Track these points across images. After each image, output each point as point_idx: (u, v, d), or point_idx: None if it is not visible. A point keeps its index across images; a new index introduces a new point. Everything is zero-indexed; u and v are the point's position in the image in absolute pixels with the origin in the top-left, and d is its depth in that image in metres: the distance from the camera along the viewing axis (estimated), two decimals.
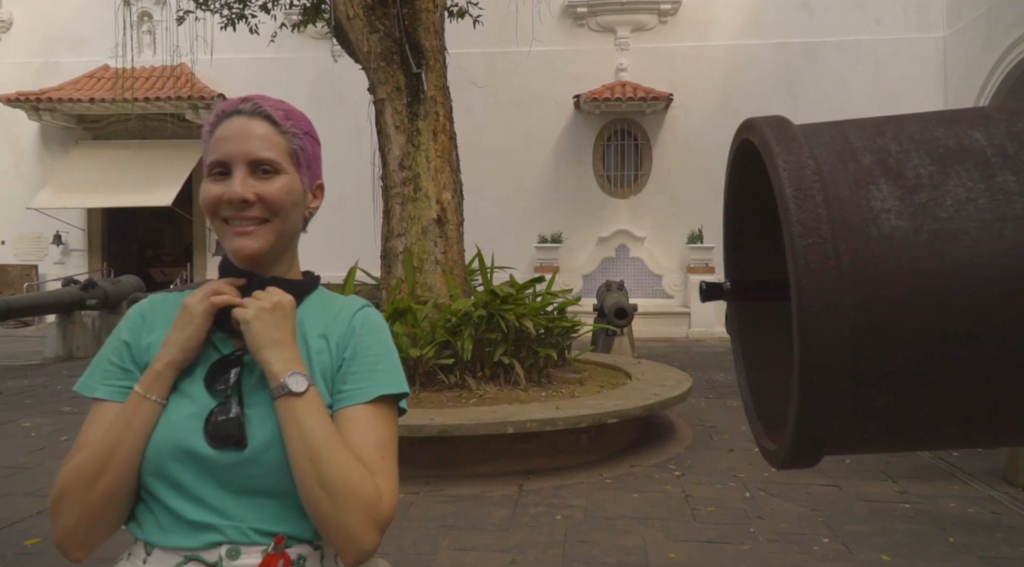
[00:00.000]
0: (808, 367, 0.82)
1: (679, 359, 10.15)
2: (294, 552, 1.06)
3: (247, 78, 14.56)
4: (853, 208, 0.84)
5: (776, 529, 4.13)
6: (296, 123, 1.16)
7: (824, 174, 0.86)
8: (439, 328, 5.90)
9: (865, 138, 0.90)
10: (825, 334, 0.81)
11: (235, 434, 1.05)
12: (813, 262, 0.81)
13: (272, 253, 1.15)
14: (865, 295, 0.81)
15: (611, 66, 14.29)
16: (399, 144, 6.47)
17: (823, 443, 0.88)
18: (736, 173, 1.10)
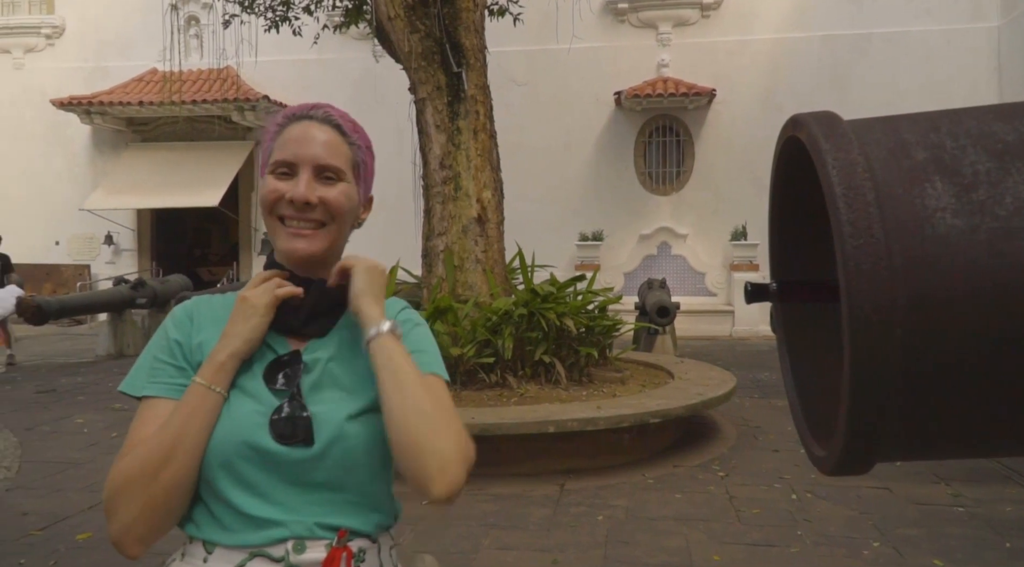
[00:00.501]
0: (859, 371, 0.79)
1: (723, 358, 10.02)
2: (355, 546, 1.09)
3: (291, 79, 14.77)
4: (906, 207, 0.81)
5: (824, 532, 4.05)
6: (361, 137, 1.21)
7: (876, 172, 0.83)
8: (480, 327, 5.91)
9: (919, 134, 0.86)
10: (877, 337, 0.78)
11: (303, 432, 1.07)
12: (864, 263, 0.78)
13: (323, 257, 1.18)
14: (919, 297, 0.78)
15: (652, 62, 14.16)
16: (440, 143, 6.49)
17: (874, 450, 0.85)
18: (782, 171, 1.07)
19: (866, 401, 0.80)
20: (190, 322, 1.17)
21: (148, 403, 1.11)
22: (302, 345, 1.16)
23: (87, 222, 15.31)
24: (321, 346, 1.17)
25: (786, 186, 1.08)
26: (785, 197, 1.09)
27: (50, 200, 15.73)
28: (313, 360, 1.14)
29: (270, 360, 1.13)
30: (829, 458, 0.90)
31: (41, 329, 12.35)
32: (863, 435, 0.82)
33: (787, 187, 1.08)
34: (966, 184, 0.80)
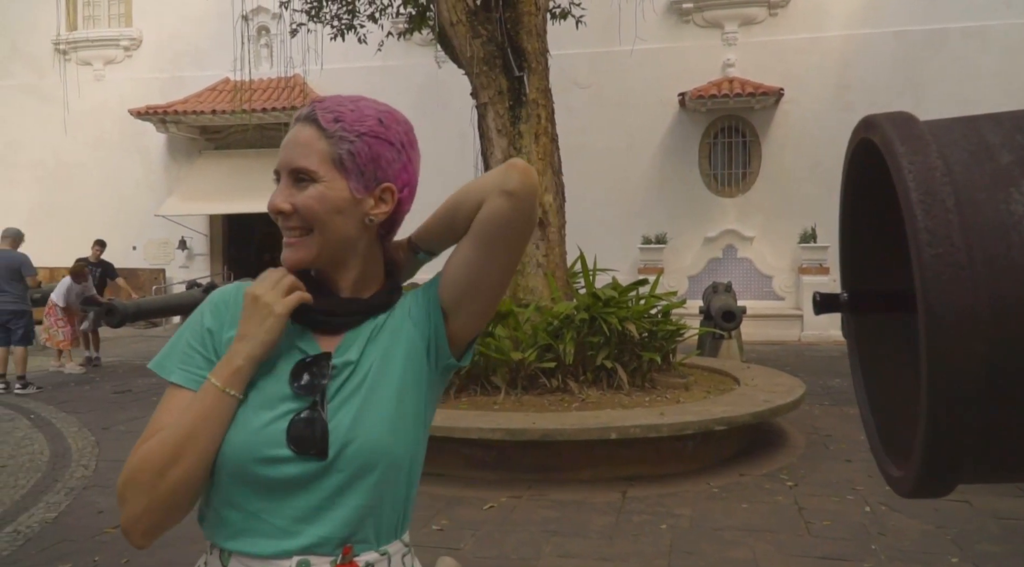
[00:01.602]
0: (938, 389, 0.74)
1: (791, 363, 9.76)
2: (362, 560, 1.06)
3: (356, 86, 15.00)
4: (990, 213, 0.75)
5: (899, 547, 3.89)
6: (348, 125, 1.10)
7: (956, 176, 0.78)
8: (541, 331, 5.89)
9: (1003, 134, 0.81)
10: (958, 352, 0.73)
11: (319, 442, 1.04)
12: (943, 273, 0.73)
13: (324, 265, 1.13)
14: (1005, 308, 0.73)
15: (718, 62, 13.92)
16: (501, 148, 6.50)
17: (956, 471, 0.79)
18: (854, 175, 1.02)
19: (946, 419, 0.75)
20: (226, 310, 1.14)
21: (173, 391, 1.09)
22: (334, 344, 1.12)
23: (162, 228, 15.87)
24: (354, 349, 1.11)
25: (858, 190, 1.03)
26: (857, 202, 1.04)
27: (128, 207, 16.35)
28: (343, 363, 1.10)
29: (297, 360, 1.09)
30: (906, 479, 0.84)
31: (119, 331, 12.84)
32: (943, 455, 0.77)
33: (859, 192, 1.03)
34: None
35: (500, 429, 4.79)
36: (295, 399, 1.06)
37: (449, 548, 3.84)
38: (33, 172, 17.05)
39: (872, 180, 1.00)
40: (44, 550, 3.95)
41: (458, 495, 4.69)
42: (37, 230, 14.57)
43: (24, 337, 8.79)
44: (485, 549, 3.85)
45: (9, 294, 8.59)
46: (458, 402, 5.65)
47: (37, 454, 6.02)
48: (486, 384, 5.87)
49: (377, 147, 1.11)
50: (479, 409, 5.46)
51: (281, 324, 1.07)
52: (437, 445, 5.00)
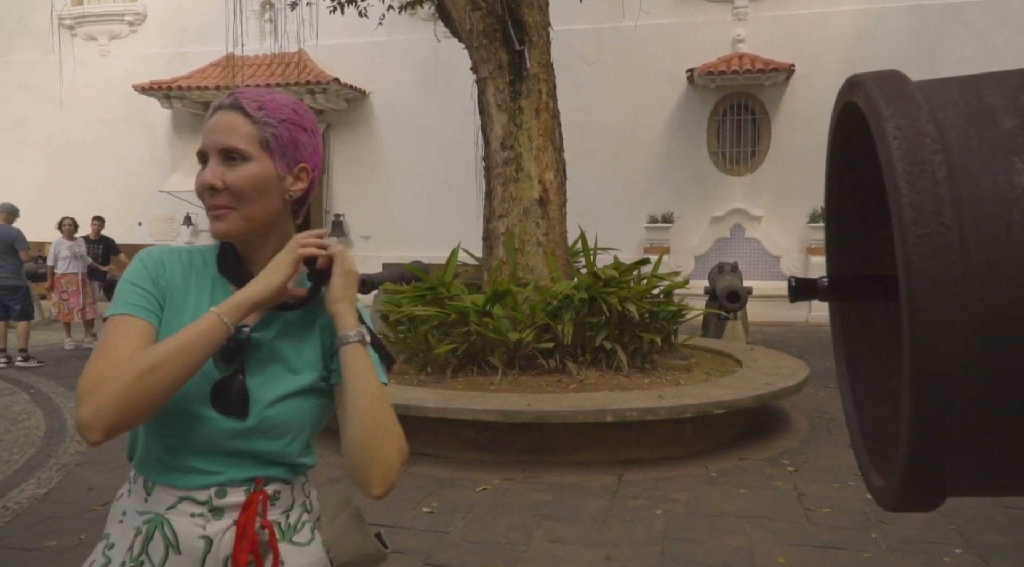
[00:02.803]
0: (922, 392, 0.63)
1: (797, 345, 9.64)
2: (271, 488, 1.24)
3: (360, 62, 14.86)
4: (988, 187, 0.64)
5: (901, 536, 3.79)
6: (270, 112, 1.23)
7: (949, 143, 0.66)
8: (539, 311, 5.79)
9: (1006, 95, 0.69)
10: (946, 350, 0.62)
11: (239, 405, 1.18)
12: (930, 257, 0.62)
13: (249, 236, 1.25)
14: (1003, 300, 0.62)
15: (727, 37, 13.65)
16: (501, 123, 6.36)
17: (942, 484, 0.69)
18: (839, 145, 0.91)
19: (931, 426, 0.64)
20: (162, 266, 1.25)
21: (122, 319, 1.18)
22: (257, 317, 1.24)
23: (168, 204, 15.80)
24: (272, 325, 1.25)
25: (844, 163, 0.91)
26: (843, 177, 0.93)
27: (133, 182, 16.28)
28: (261, 337, 1.23)
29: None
30: (888, 491, 0.74)
31: None
32: (928, 466, 0.67)
33: (846, 164, 0.91)
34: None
35: (495, 410, 4.70)
36: (218, 367, 1.20)
37: (438, 531, 3.77)
38: (41, 148, 16.99)
39: (860, 151, 0.89)
40: (30, 527, 3.91)
41: (451, 477, 4.61)
42: (44, 206, 14.54)
43: (23, 312, 8.76)
44: (474, 533, 3.77)
45: (4, 268, 8.55)
46: (454, 383, 5.57)
47: (33, 429, 5.99)
48: (483, 364, 5.78)
49: (295, 132, 1.26)
50: (475, 390, 5.38)
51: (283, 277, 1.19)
52: (431, 426, 4.94)
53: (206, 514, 1.20)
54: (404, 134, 14.88)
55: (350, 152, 15.35)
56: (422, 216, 14.61)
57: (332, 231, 15.30)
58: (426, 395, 5.07)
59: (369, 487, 1.18)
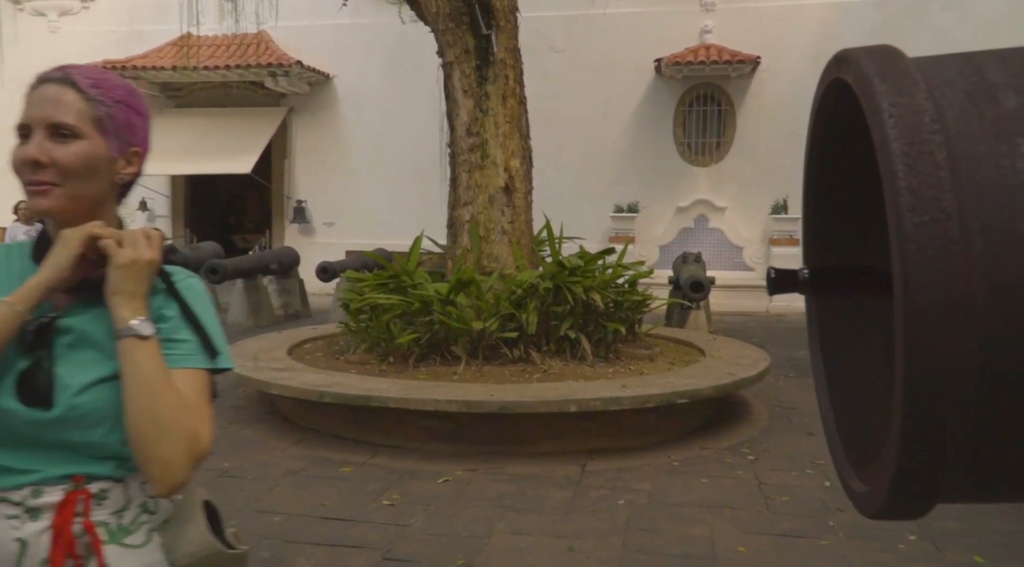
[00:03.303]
0: (917, 390, 0.58)
1: (758, 335, 9.72)
2: (95, 487, 1.16)
3: (325, 45, 14.58)
4: (991, 171, 0.59)
5: (858, 524, 3.82)
6: (106, 91, 1.19)
7: (949, 122, 0.61)
8: (504, 300, 5.73)
9: (1009, 73, 0.64)
10: (944, 347, 0.57)
11: (44, 394, 1.12)
12: (930, 247, 0.57)
13: (71, 216, 1.18)
14: (1006, 294, 0.57)
15: (695, 28, 13.66)
16: (467, 109, 6.27)
17: (933, 491, 0.64)
18: (822, 126, 0.85)
19: (925, 428, 0.59)
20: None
21: None
22: (70, 302, 1.19)
23: None
24: (89, 310, 1.19)
25: (828, 146, 0.86)
26: (826, 160, 0.87)
27: None
28: (74, 323, 1.18)
29: (30, 321, 1.16)
30: (873, 496, 0.69)
31: None
32: (919, 472, 0.62)
33: (829, 147, 0.86)
34: None
35: (457, 401, 4.64)
36: (24, 355, 1.14)
37: (399, 524, 3.71)
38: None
39: (846, 133, 0.83)
40: None
41: (412, 468, 4.55)
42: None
43: None
44: (435, 525, 3.72)
45: None
46: (416, 373, 5.50)
47: None
48: (446, 354, 5.71)
49: (129, 114, 1.23)
50: (438, 380, 5.31)
51: (71, 255, 1.13)
52: (393, 417, 4.87)
53: (21, 515, 1.14)
54: (369, 119, 14.66)
55: (313, 137, 15.09)
56: (386, 203, 14.43)
57: (294, 218, 15.05)
58: (387, 385, 4.99)
59: (152, 486, 1.14)
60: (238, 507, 3.92)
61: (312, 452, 4.86)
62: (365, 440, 4.99)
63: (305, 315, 11.36)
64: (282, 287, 11.49)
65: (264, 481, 4.36)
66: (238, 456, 4.77)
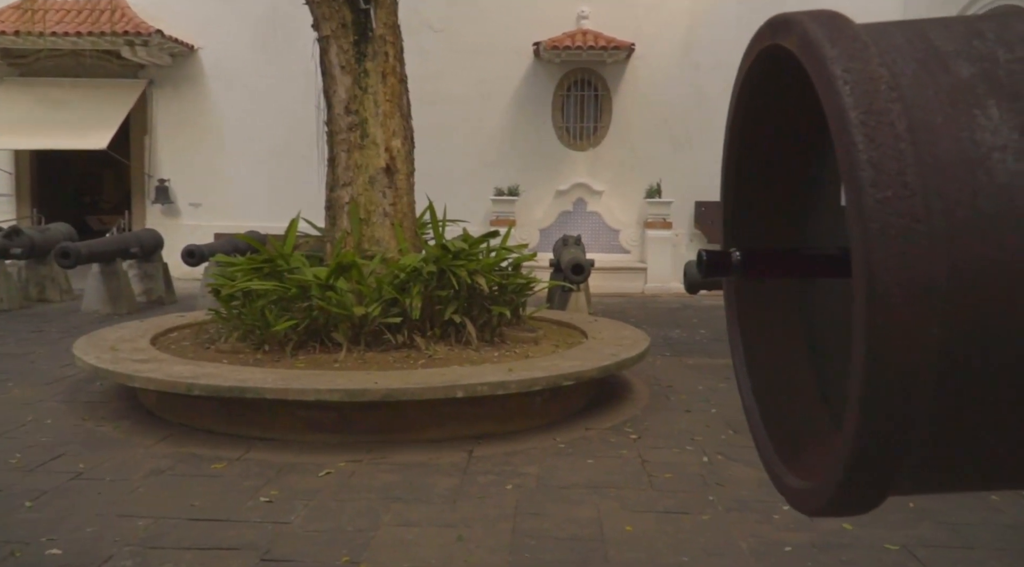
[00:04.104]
0: (879, 379, 0.53)
1: (635, 315, 9.98)
2: None
3: (187, 14, 13.73)
4: (950, 143, 0.55)
5: (736, 497, 3.96)
6: None
7: (905, 91, 0.56)
8: (386, 284, 5.57)
9: (957, 41, 0.60)
10: (907, 333, 0.52)
11: None
12: (893, 225, 0.52)
13: None
14: (967, 279, 0.53)
15: (572, 13, 13.78)
16: (345, 86, 6.03)
17: (888, 484, 0.60)
18: (747, 100, 0.80)
19: (885, 420, 0.54)
20: None
21: None
22: None
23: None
24: None
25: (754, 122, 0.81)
26: (751, 136, 0.82)
27: None
28: None
29: None
30: (818, 492, 0.64)
31: None
32: (875, 465, 0.57)
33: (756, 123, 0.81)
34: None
35: (339, 390, 4.47)
36: None
37: (277, 522, 3.52)
38: None
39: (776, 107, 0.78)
40: None
41: (291, 461, 4.34)
42: None
43: None
44: (318, 521, 3.56)
45: None
46: (295, 361, 5.26)
47: None
48: (326, 341, 5.50)
49: None
50: (318, 368, 5.11)
51: None
52: (269, 408, 4.64)
53: None
54: (238, 94, 13.94)
55: (176, 112, 14.20)
56: (259, 183, 13.81)
57: (156, 198, 14.15)
58: (263, 375, 4.74)
59: None
60: (95, 512, 3.61)
61: (180, 449, 4.55)
62: (239, 434, 4.73)
63: (170, 302, 10.72)
64: (144, 272, 10.79)
65: (125, 482, 4.04)
66: (95, 456, 4.40)
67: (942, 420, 0.56)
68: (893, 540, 3.43)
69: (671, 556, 3.29)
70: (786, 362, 0.84)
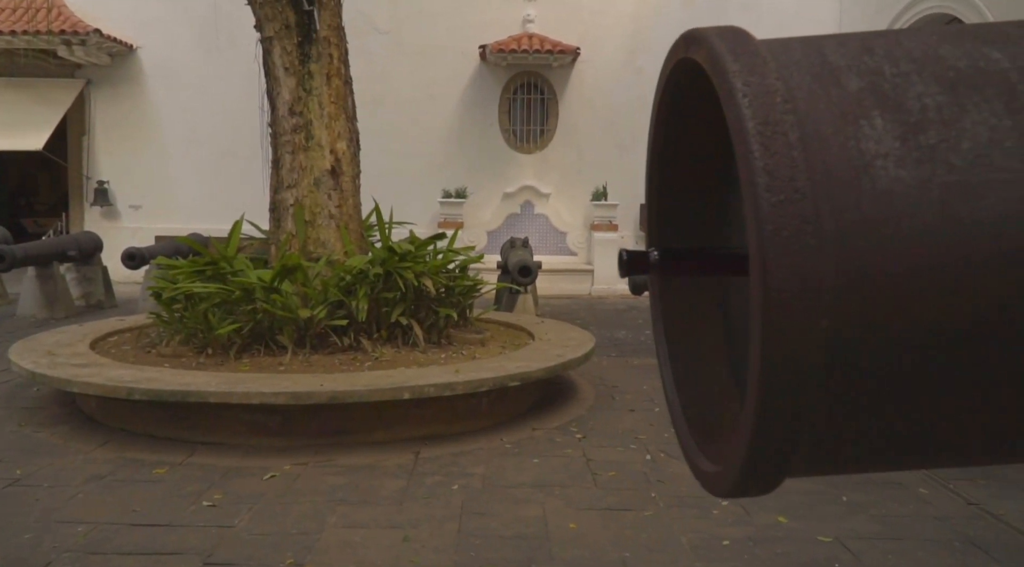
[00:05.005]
0: (772, 371, 0.58)
1: (582, 316, 10.09)
2: None
3: (127, 13, 13.42)
4: (839, 152, 0.60)
5: (677, 493, 4.05)
6: None
7: (799, 103, 0.62)
8: (332, 287, 5.54)
9: (849, 56, 0.66)
10: (797, 329, 0.57)
11: None
12: (786, 227, 0.57)
13: None
14: (852, 276, 0.58)
15: (518, 16, 13.87)
16: (289, 87, 5.98)
17: (785, 466, 0.65)
18: (668, 108, 0.85)
19: (779, 407, 0.60)
20: None
21: None
22: None
23: None
24: None
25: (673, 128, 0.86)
26: (671, 142, 0.87)
27: None
28: None
29: None
30: (725, 476, 0.69)
31: None
32: (772, 449, 0.62)
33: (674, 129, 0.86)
34: (913, 122, 0.60)
35: (284, 393, 4.44)
36: None
37: (220, 526, 3.49)
38: None
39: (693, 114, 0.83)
40: None
41: (236, 466, 4.29)
42: None
43: None
44: (262, 524, 3.53)
45: None
46: (239, 365, 5.20)
47: None
48: (271, 344, 5.45)
49: None
50: (263, 371, 5.06)
51: None
52: (213, 412, 4.57)
53: None
54: (180, 95, 13.66)
55: (115, 112, 13.85)
56: (201, 185, 13.55)
57: (95, 200, 13.78)
58: (206, 379, 4.68)
59: None
60: (32, 519, 3.53)
61: (121, 454, 4.46)
62: (182, 439, 4.66)
63: (110, 305, 10.45)
64: (82, 275, 10.50)
65: (64, 488, 3.94)
66: (32, 462, 4.29)
67: (830, 409, 0.61)
68: (826, 532, 3.56)
69: (614, 552, 3.36)
70: (705, 355, 0.89)
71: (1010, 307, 0.57)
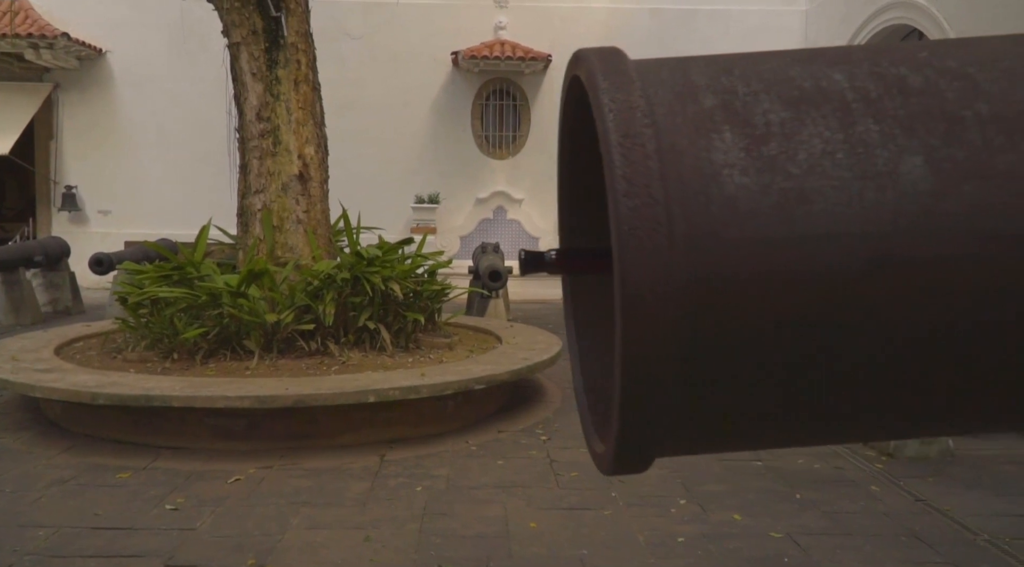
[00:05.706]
0: (632, 361, 0.66)
1: (553, 321, 10.16)
2: None
3: (96, 17, 13.32)
4: (691, 162, 0.68)
5: (637, 493, 4.13)
6: None
7: (658, 118, 0.69)
8: (299, 291, 5.57)
9: (709, 76, 0.73)
10: (652, 321, 0.65)
11: None
12: (641, 229, 0.64)
13: None
14: (702, 273, 0.65)
15: (490, 23, 13.98)
16: (256, 93, 6.01)
17: (651, 448, 0.73)
18: (569, 118, 0.93)
19: (639, 394, 0.67)
20: None
21: None
22: None
23: None
24: None
25: (574, 136, 0.94)
26: (574, 149, 0.95)
27: None
28: None
29: None
30: (608, 455, 0.77)
31: None
32: (637, 433, 0.70)
33: (574, 138, 0.93)
34: (757, 136, 0.68)
35: (249, 397, 4.46)
36: None
37: (183, 529, 3.51)
38: None
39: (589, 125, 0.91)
40: None
41: (200, 469, 4.31)
42: None
43: None
44: (224, 527, 3.56)
45: None
46: (205, 369, 5.21)
47: None
48: (238, 349, 5.46)
49: None
50: (229, 375, 5.07)
51: None
52: (177, 416, 4.58)
53: None
54: (149, 99, 13.59)
55: (84, 117, 13.74)
56: (170, 190, 13.47)
57: (63, 205, 13.64)
58: (171, 384, 4.69)
59: None
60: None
61: (84, 459, 4.46)
62: (147, 443, 4.66)
63: (78, 311, 10.36)
64: (49, 281, 10.40)
65: (27, 493, 3.94)
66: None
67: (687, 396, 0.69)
68: (778, 529, 3.66)
69: (571, 550, 3.43)
70: (605, 346, 0.97)
71: (835, 296, 0.65)
